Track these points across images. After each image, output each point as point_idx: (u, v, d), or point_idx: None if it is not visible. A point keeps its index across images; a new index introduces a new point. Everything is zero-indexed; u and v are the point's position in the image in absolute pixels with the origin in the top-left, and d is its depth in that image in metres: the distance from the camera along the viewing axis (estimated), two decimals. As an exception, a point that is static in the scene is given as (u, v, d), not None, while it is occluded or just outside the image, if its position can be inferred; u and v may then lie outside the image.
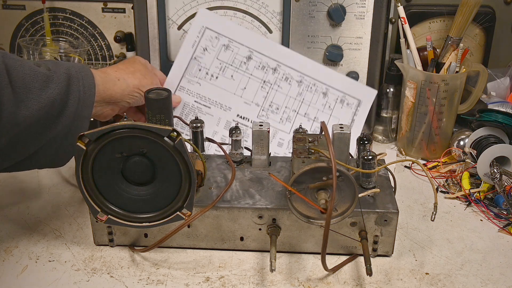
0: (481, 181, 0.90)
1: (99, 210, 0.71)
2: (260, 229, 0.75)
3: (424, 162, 1.01)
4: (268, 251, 0.74)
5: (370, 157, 0.74)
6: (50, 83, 0.70)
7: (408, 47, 0.99)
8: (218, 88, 0.94)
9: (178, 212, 0.70)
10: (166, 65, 1.04)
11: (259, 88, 0.94)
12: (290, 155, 0.84)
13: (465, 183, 0.91)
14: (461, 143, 0.99)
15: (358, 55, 1.03)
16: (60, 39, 1.11)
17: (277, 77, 0.94)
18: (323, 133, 0.73)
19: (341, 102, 0.95)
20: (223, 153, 0.83)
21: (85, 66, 0.78)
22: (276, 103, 0.93)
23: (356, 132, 0.92)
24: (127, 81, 0.83)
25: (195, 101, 0.94)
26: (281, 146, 0.93)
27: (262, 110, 0.93)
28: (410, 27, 0.99)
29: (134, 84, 0.83)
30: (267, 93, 0.94)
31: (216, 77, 0.94)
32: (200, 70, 0.94)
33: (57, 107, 0.71)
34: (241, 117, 0.93)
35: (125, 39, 1.12)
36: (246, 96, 0.94)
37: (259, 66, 0.94)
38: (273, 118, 0.93)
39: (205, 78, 0.94)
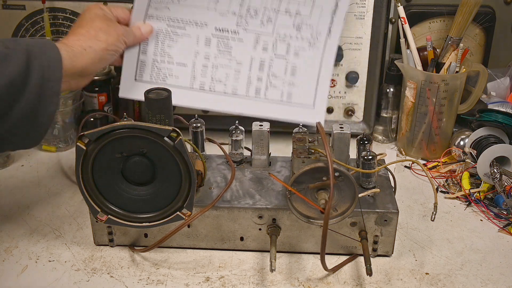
0: (481, 181, 0.90)
1: (99, 210, 0.71)
2: (260, 229, 0.75)
3: (424, 162, 1.01)
4: (268, 251, 0.74)
5: (370, 157, 0.74)
6: (6, 61, 0.66)
7: (408, 47, 0.99)
8: (189, 6, 0.87)
9: (178, 212, 0.70)
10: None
11: None
12: (275, 58, 0.86)
13: (465, 183, 0.91)
14: (461, 143, 0.99)
15: (358, 55, 1.03)
16: (60, 39, 1.11)
17: None
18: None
19: None
20: (223, 153, 0.83)
21: (48, 41, 0.73)
22: (254, 6, 0.87)
23: (340, 17, 0.85)
24: (93, 47, 0.77)
25: (167, 25, 0.88)
26: (266, 50, 0.87)
27: (240, 17, 0.87)
28: (410, 27, 0.99)
29: (102, 47, 0.78)
30: None
31: None
32: None
33: (17, 85, 0.67)
34: (219, 29, 0.87)
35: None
36: (220, 7, 0.87)
37: None
38: (252, 23, 0.87)
39: (173, 1, 0.87)
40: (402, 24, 0.98)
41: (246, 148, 0.85)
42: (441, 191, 0.91)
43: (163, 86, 0.78)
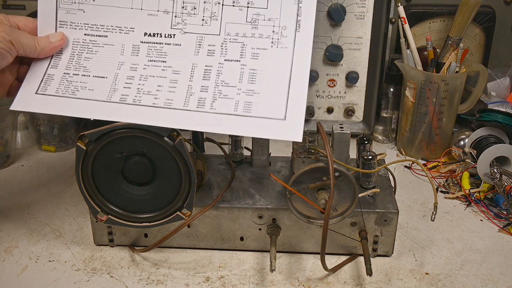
0: (481, 181, 0.90)
1: (99, 210, 0.71)
2: (260, 229, 0.75)
3: (424, 162, 1.01)
4: (268, 251, 0.74)
5: (370, 157, 0.74)
6: None
7: (408, 47, 0.99)
8: (108, 7, 0.72)
9: (178, 212, 0.70)
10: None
11: None
12: (225, 63, 0.69)
13: (465, 183, 0.91)
14: (461, 143, 0.99)
15: (358, 55, 1.03)
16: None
17: None
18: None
19: None
20: (223, 153, 0.83)
21: None
22: (191, 1, 0.71)
23: (310, 4, 0.70)
24: None
25: (85, 34, 0.72)
26: (212, 54, 0.70)
27: (175, 16, 0.71)
28: (410, 27, 0.99)
29: None
30: None
31: None
32: None
33: None
34: (150, 35, 0.72)
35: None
36: (148, 5, 0.72)
37: None
38: (192, 22, 0.71)
39: (87, 1, 0.73)
40: (402, 24, 0.98)
41: (246, 148, 0.85)
42: (441, 191, 0.91)
43: (72, 99, 0.68)
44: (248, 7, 0.70)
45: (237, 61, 0.69)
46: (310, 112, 1.06)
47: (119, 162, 0.69)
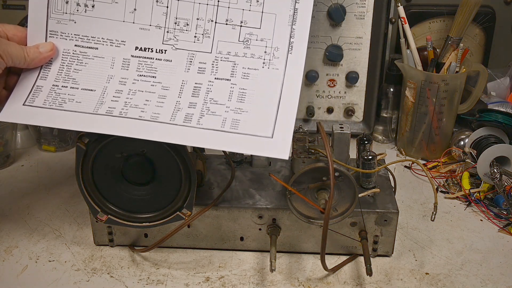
0: (481, 181, 0.90)
1: (99, 210, 0.71)
2: (260, 229, 0.75)
3: (424, 162, 1.01)
4: (268, 251, 0.74)
5: (370, 157, 0.74)
6: None
7: (408, 47, 0.99)
8: (100, 19, 0.72)
9: (178, 212, 0.71)
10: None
11: (154, 4, 0.71)
12: (215, 81, 0.69)
13: (465, 183, 0.91)
14: (461, 143, 0.99)
15: (358, 55, 1.03)
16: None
17: None
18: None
19: None
20: (223, 153, 0.83)
21: None
22: (183, 17, 0.71)
23: (303, 27, 0.69)
24: None
25: (75, 45, 0.72)
26: (203, 72, 0.70)
27: (167, 32, 0.71)
28: (410, 27, 0.99)
29: None
30: (167, 7, 0.71)
31: (92, 6, 0.72)
32: (67, 2, 0.72)
33: None
34: (141, 49, 0.71)
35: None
36: (140, 19, 0.71)
37: None
38: (184, 38, 0.71)
39: (78, 11, 0.72)
40: (402, 24, 0.98)
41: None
42: (441, 191, 0.91)
43: (59, 111, 0.68)
44: (241, 26, 0.70)
45: (228, 80, 0.69)
46: (310, 112, 1.06)
47: (119, 162, 0.69)
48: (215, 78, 0.69)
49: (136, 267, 0.74)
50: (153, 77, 0.70)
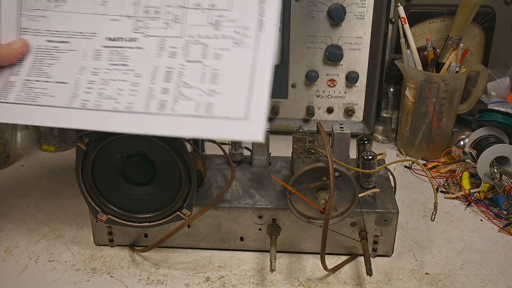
0: (481, 181, 0.90)
1: (99, 210, 0.71)
2: (260, 229, 0.75)
3: (424, 162, 1.01)
4: (268, 251, 0.74)
5: (370, 157, 0.74)
6: None
7: (408, 47, 0.99)
8: (72, 13, 0.72)
9: (178, 212, 0.71)
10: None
11: None
12: (187, 64, 0.68)
13: (465, 183, 0.91)
14: (461, 143, 0.99)
15: (358, 55, 1.03)
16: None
17: None
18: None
19: None
20: (223, 153, 0.83)
21: None
22: (154, 5, 0.71)
23: (273, 4, 0.69)
24: None
25: (48, 41, 0.72)
26: (175, 56, 0.69)
27: (138, 21, 0.71)
28: (410, 27, 0.99)
29: None
30: None
31: (63, 0, 0.72)
32: None
33: None
34: (112, 39, 0.71)
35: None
36: (111, 10, 0.72)
37: None
38: (155, 25, 0.71)
39: (50, 7, 0.72)
40: (402, 24, 0.98)
41: (246, 148, 0.85)
42: (441, 191, 0.91)
43: (33, 106, 0.67)
44: (211, 9, 0.70)
45: (199, 61, 0.68)
46: (310, 112, 1.06)
47: (119, 162, 0.69)
48: (187, 61, 0.69)
49: (136, 267, 0.74)
50: (125, 65, 0.69)
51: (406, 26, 0.98)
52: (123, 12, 0.72)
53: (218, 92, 0.66)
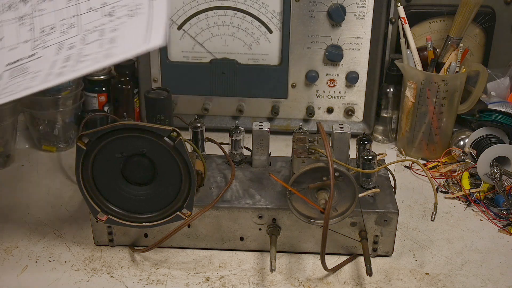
0: (481, 181, 0.90)
1: (99, 210, 0.71)
2: (260, 229, 0.75)
3: (424, 162, 1.01)
4: (268, 251, 0.74)
5: (370, 157, 0.74)
6: None
7: (408, 47, 0.99)
8: None
9: (178, 212, 0.71)
10: (166, 65, 1.04)
11: (19, 27, 0.74)
12: (84, 56, 0.69)
13: (465, 183, 0.91)
14: (461, 143, 0.99)
15: (358, 55, 1.03)
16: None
17: (33, 3, 0.75)
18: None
19: None
20: (223, 153, 0.83)
21: None
22: (48, 24, 0.73)
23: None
24: None
25: None
26: (72, 48, 0.70)
27: (35, 41, 0.73)
28: (410, 27, 0.99)
29: None
30: (31, 24, 0.74)
31: None
32: None
33: None
34: (12, 63, 0.72)
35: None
36: (8, 43, 0.74)
37: (4, 8, 0.75)
38: (53, 37, 0.72)
39: None
40: (402, 24, 0.98)
41: (246, 148, 0.85)
42: (441, 191, 0.91)
43: None
44: (103, 6, 0.72)
45: (98, 40, 0.69)
46: (310, 112, 1.06)
47: (119, 162, 0.69)
48: (85, 44, 0.70)
49: (136, 267, 0.74)
50: (25, 72, 0.70)
51: (406, 26, 0.98)
52: (20, 39, 0.73)
53: (117, 40, 0.68)
